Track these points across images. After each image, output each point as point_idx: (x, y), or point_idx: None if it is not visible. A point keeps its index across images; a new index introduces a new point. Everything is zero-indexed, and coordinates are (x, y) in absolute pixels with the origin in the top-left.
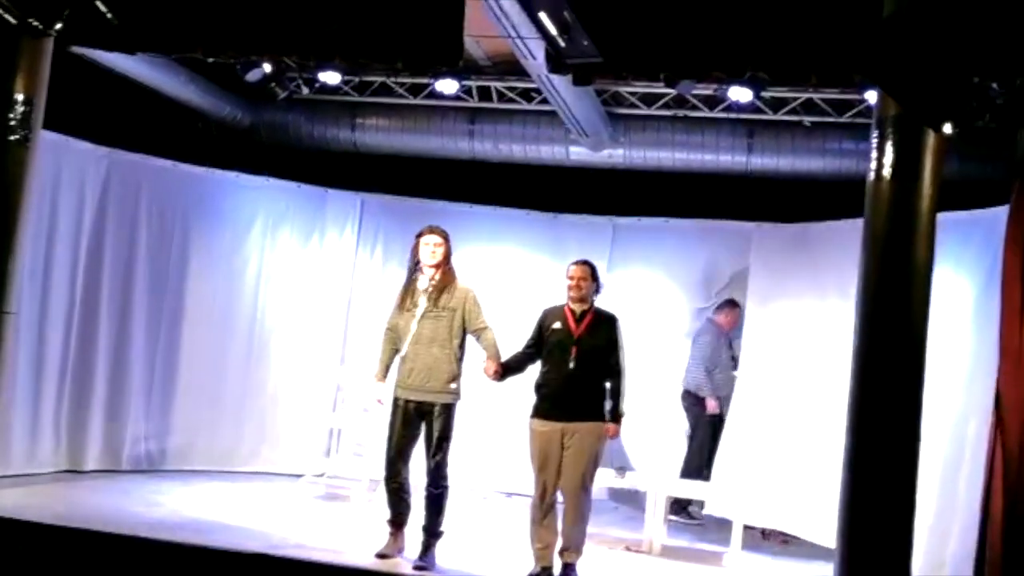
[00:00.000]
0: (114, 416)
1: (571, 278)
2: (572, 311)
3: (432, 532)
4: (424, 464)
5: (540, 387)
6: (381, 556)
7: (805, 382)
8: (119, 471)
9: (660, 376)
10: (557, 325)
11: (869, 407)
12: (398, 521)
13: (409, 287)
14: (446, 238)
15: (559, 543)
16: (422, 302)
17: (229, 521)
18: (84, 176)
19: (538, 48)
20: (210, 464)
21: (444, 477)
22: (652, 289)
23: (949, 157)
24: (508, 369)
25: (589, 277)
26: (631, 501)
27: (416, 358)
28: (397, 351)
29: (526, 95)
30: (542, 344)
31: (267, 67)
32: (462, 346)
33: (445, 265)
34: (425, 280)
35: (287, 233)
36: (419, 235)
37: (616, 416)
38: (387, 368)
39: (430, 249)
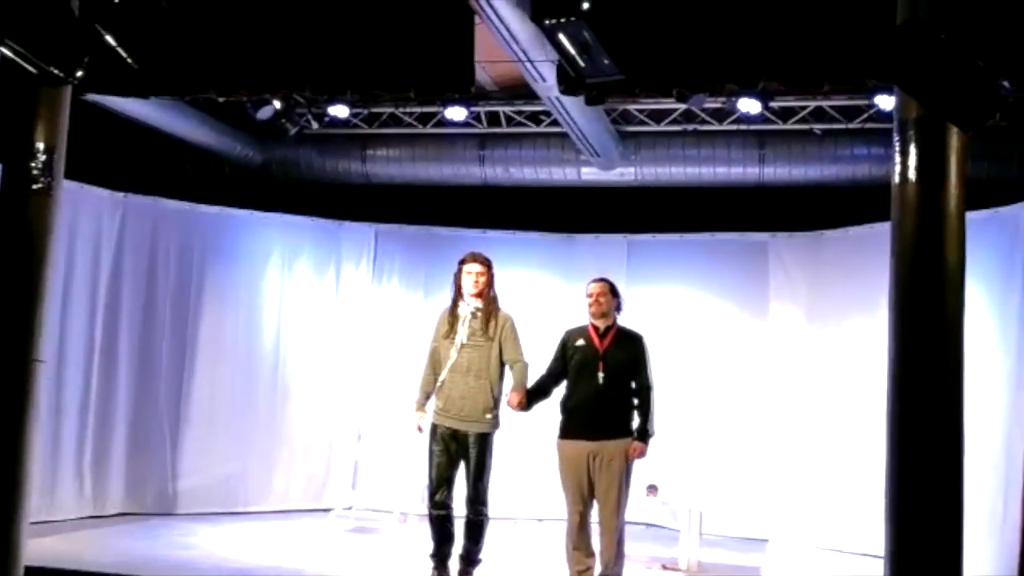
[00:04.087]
0: (138, 459)
1: (590, 295)
2: (595, 327)
3: (470, 560)
4: (464, 492)
5: (567, 405)
6: None
7: (836, 391)
8: (144, 514)
9: (683, 391)
10: (581, 342)
11: (909, 416)
12: (442, 554)
13: (451, 314)
14: (488, 266)
15: (598, 567)
16: (462, 331)
17: (263, 560)
18: (100, 222)
19: (548, 70)
20: (237, 504)
21: (484, 504)
22: (671, 305)
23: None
24: (533, 396)
25: (608, 292)
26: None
27: (453, 387)
28: (438, 376)
29: (535, 118)
30: (566, 364)
31: (277, 104)
32: (501, 377)
33: (487, 294)
34: (466, 308)
35: (304, 267)
36: (462, 262)
37: (644, 435)
38: (427, 396)
39: (472, 278)
